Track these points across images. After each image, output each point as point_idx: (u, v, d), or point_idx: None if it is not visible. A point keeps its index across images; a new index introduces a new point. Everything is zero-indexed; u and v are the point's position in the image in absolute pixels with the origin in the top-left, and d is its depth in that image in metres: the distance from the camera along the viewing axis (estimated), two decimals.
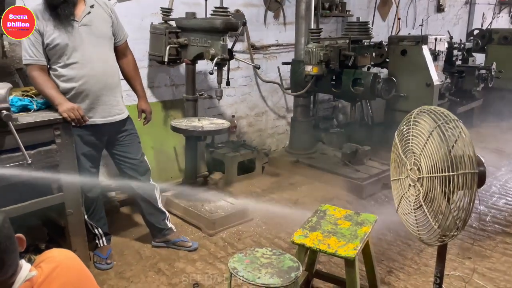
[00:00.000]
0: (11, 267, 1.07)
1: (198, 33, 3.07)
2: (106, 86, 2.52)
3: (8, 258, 1.06)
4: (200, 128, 3.08)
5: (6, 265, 1.06)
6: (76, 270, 1.21)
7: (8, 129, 1.91)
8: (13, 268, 1.08)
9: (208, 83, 4.12)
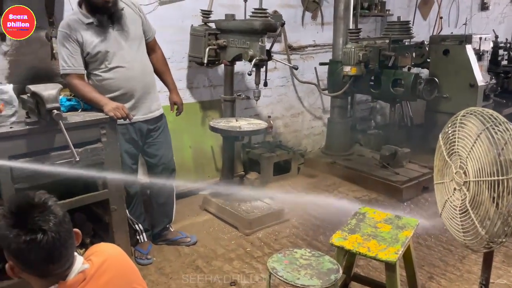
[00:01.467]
0: (68, 260, 1.13)
1: (237, 35, 3.10)
2: (145, 84, 2.62)
3: (66, 251, 1.12)
4: (238, 129, 3.11)
5: (64, 258, 1.12)
6: (123, 264, 1.26)
7: (58, 128, 2.00)
8: (70, 261, 1.13)
9: (245, 83, 4.15)
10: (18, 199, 1.12)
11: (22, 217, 1.07)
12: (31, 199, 1.10)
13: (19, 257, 1.07)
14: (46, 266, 1.09)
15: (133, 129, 2.62)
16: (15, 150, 1.97)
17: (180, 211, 3.24)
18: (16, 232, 1.05)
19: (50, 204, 1.11)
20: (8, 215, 1.07)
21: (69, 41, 2.37)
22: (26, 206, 1.09)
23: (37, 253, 1.06)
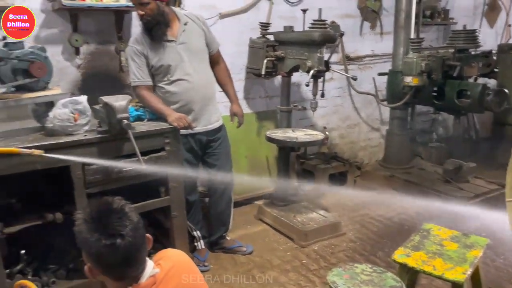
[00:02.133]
0: (141, 264, 1.18)
1: (295, 46, 3.12)
2: (206, 96, 2.70)
3: (140, 255, 1.17)
4: (295, 139, 3.11)
5: (138, 262, 1.17)
6: (190, 270, 1.30)
7: (127, 136, 2.11)
8: (143, 265, 1.19)
9: (301, 94, 4.15)
10: (98, 205, 1.19)
11: (102, 222, 1.13)
12: (110, 205, 1.17)
13: (99, 260, 1.14)
14: (122, 269, 1.15)
15: (193, 139, 2.70)
16: (88, 157, 2.10)
17: (236, 220, 3.27)
18: (97, 237, 1.11)
19: (126, 210, 1.17)
20: (89, 220, 1.14)
21: (137, 55, 2.51)
22: (106, 212, 1.16)
23: (115, 257, 1.12)
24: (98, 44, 3.05)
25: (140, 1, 2.40)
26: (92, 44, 3.03)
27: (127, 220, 1.15)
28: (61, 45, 2.92)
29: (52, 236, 2.39)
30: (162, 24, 2.49)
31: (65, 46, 2.92)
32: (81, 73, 3.02)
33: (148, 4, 2.40)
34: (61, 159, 1.78)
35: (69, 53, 2.95)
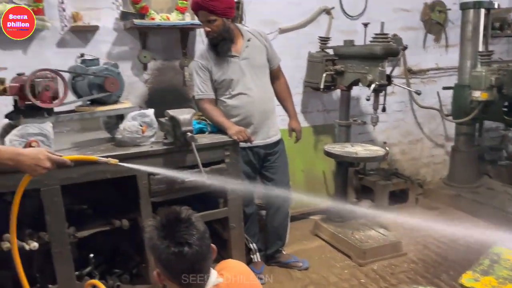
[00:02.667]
0: (206, 273, 1.22)
1: (356, 60, 3.09)
2: (265, 111, 2.74)
3: (205, 264, 1.21)
4: (354, 154, 3.05)
5: (203, 270, 1.21)
6: (251, 281, 1.31)
7: (190, 148, 2.19)
8: (207, 274, 1.22)
9: (360, 108, 4.08)
10: (167, 213, 1.24)
11: (170, 230, 1.19)
12: (178, 214, 1.22)
13: (167, 266, 1.19)
14: (188, 276, 1.19)
15: (251, 153, 2.75)
16: (155, 166, 2.20)
17: (292, 234, 3.24)
18: (166, 244, 1.17)
19: (193, 220, 1.22)
20: (159, 227, 1.19)
21: (202, 70, 2.62)
22: (174, 220, 1.21)
23: (182, 264, 1.17)
24: (164, 60, 3.21)
25: (208, 19, 2.50)
26: (159, 60, 3.19)
27: (194, 230, 1.19)
28: (130, 61, 3.10)
29: (118, 242, 2.52)
30: (228, 40, 2.58)
31: (134, 62, 3.11)
32: (148, 88, 3.19)
33: (215, 21, 2.50)
34: (134, 169, 1.88)
35: (138, 69, 3.13)
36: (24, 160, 1.47)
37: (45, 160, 1.50)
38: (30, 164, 1.48)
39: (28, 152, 1.51)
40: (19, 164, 1.48)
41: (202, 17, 2.53)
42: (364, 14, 3.88)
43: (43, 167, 1.51)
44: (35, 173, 1.52)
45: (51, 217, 2.00)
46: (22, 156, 1.48)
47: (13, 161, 1.46)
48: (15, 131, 1.90)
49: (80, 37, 2.92)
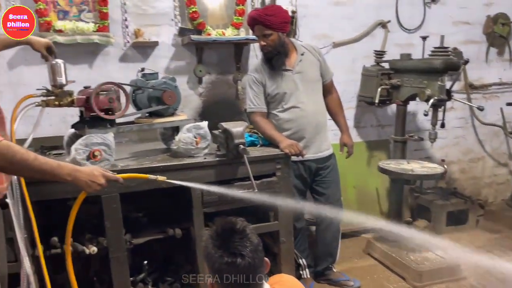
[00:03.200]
0: (258, 286, 1.21)
1: (413, 74, 3.00)
2: (318, 124, 2.72)
3: (258, 277, 1.21)
4: (410, 171, 2.94)
5: (256, 283, 1.21)
6: None
7: (242, 161, 2.21)
8: (259, 287, 1.22)
9: (416, 124, 3.94)
10: (223, 224, 1.26)
11: (225, 240, 1.20)
12: (234, 225, 1.24)
13: (220, 276, 1.20)
14: None
15: (302, 166, 2.73)
16: (207, 178, 2.24)
17: (342, 252, 3.16)
18: (220, 253, 1.18)
19: (248, 232, 1.22)
20: (214, 237, 1.21)
21: (256, 84, 2.65)
22: (229, 231, 1.22)
23: (234, 275, 1.17)
24: (218, 74, 3.30)
25: (264, 33, 2.54)
26: (213, 74, 3.28)
27: (248, 241, 1.20)
28: (186, 75, 3.21)
29: (171, 250, 2.57)
30: (282, 54, 2.60)
31: (190, 76, 3.21)
32: (202, 101, 3.28)
33: (270, 35, 2.54)
34: (181, 185, 1.93)
35: (193, 83, 3.24)
36: (81, 176, 1.58)
37: (99, 177, 1.62)
38: (86, 181, 1.59)
39: (85, 169, 1.62)
40: (76, 180, 1.59)
41: (258, 31, 2.57)
42: (421, 27, 3.78)
43: (97, 183, 1.61)
44: (90, 189, 1.63)
45: (110, 223, 2.08)
46: (79, 172, 1.59)
47: (71, 177, 1.57)
48: (80, 140, 2.02)
49: (141, 52, 3.07)
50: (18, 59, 2.81)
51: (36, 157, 1.49)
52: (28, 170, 1.50)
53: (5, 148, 1.41)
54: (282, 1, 3.27)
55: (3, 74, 2.78)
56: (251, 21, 2.57)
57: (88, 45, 2.89)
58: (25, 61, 2.81)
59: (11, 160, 1.42)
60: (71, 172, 1.57)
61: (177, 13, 3.11)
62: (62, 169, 1.55)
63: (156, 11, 3.07)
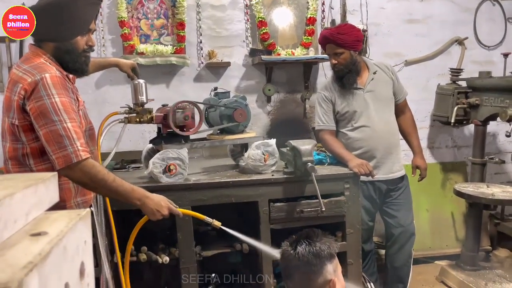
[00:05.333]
0: None
1: (494, 93, 2.83)
2: (389, 145, 2.64)
3: (300, 277, 1.30)
4: (490, 196, 2.74)
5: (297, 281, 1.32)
6: None
7: (310, 179, 2.21)
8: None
9: (497, 145, 3.69)
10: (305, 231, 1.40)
11: (296, 240, 1.35)
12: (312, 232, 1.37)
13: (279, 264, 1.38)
14: (283, 279, 1.36)
15: (372, 187, 2.66)
16: (274, 194, 2.27)
17: (414, 278, 3.01)
18: (286, 244, 1.36)
19: (318, 239, 1.31)
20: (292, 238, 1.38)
21: (325, 102, 2.66)
22: (305, 234, 1.36)
23: (282, 264, 1.36)
24: (286, 93, 3.35)
25: (335, 51, 2.55)
26: (282, 93, 3.34)
27: (313, 245, 1.29)
28: (256, 94, 3.30)
29: (237, 264, 2.62)
30: (353, 72, 2.59)
31: (259, 95, 3.30)
32: (270, 119, 3.34)
33: (342, 54, 2.54)
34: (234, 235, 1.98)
35: (262, 101, 3.31)
36: (149, 204, 1.71)
37: (164, 208, 1.74)
38: (153, 209, 1.72)
39: (154, 197, 1.74)
40: (144, 206, 1.71)
41: (330, 50, 2.58)
42: (502, 43, 3.57)
43: (161, 213, 1.74)
44: (153, 217, 1.75)
45: (182, 235, 2.18)
46: (148, 199, 1.71)
47: (140, 202, 1.70)
48: (158, 155, 2.15)
49: (214, 72, 3.22)
50: (104, 79, 3.07)
51: (115, 179, 1.63)
52: (105, 190, 1.65)
53: (91, 166, 1.56)
54: (353, 20, 3.26)
55: (91, 93, 3.05)
56: (323, 40, 2.59)
57: (166, 66, 3.09)
58: (110, 81, 3.07)
59: (93, 178, 1.57)
60: (141, 198, 1.71)
61: (248, 34, 3.23)
62: (134, 193, 1.69)
63: (229, 33, 3.22)
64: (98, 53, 3.02)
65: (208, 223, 1.89)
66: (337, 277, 1.31)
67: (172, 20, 3.09)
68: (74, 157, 1.51)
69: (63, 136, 1.50)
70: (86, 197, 1.73)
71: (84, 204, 1.73)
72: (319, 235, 1.35)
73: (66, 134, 1.51)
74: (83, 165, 1.53)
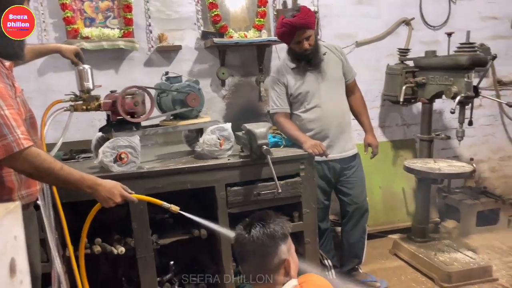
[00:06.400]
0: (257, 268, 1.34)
1: (439, 71, 2.94)
2: (341, 124, 2.69)
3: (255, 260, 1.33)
4: (437, 170, 2.88)
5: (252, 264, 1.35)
6: None
7: (266, 162, 2.21)
8: (259, 270, 1.33)
9: (443, 122, 3.86)
10: (258, 213, 1.41)
11: (249, 220, 1.37)
12: (266, 214, 1.38)
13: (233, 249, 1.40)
14: (239, 263, 1.40)
15: (326, 167, 2.71)
16: (231, 179, 2.27)
17: (369, 253, 3.12)
18: (239, 227, 1.37)
19: (271, 221, 1.33)
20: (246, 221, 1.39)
21: (278, 85, 2.66)
22: (258, 216, 1.37)
23: (236, 248, 1.38)
24: (241, 76, 3.32)
25: (309, 35, 2.54)
26: (236, 76, 3.30)
27: (266, 227, 1.31)
28: (210, 78, 3.24)
29: (196, 251, 2.61)
30: (317, 53, 2.61)
31: (213, 78, 3.24)
32: (225, 103, 3.31)
33: (311, 36, 2.55)
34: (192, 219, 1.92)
35: (216, 85, 3.27)
36: (101, 191, 1.66)
37: (117, 195, 1.70)
38: (105, 196, 1.67)
39: (106, 184, 1.68)
40: (96, 194, 1.66)
41: (301, 35, 2.52)
42: (447, 23, 3.70)
43: (114, 200, 1.69)
44: (106, 204, 1.70)
45: (137, 224, 2.13)
46: (100, 187, 1.66)
47: (91, 189, 1.65)
48: (107, 143, 2.07)
49: (165, 56, 3.13)
50: (47, 66, 2.90)
51: (62, 167, 1.55)
52: (53, 179, 1.57)
53: (35, 155, 1.47)
54: (304, 1, 3.27)
55: (34, 81, 2.88)
56: (292, 28, 2.49)
57: (114, 51, 2.97)
58: (54, 68, 2.91)
59: (38, 168, 1.48)
60: (92, 185, 1.65)
61: (199, 17, 3.15)
62: (84, 181, 1.63)
63: (179, 15, 3.12)
64: (39, 38, 2.84)
65: (165, 209, 1.83)
66: (291, 256, 1.33)
67: (118, 2, 2.95)
68: (16, 146, 1.42)
69: (2, 124, 1.40)
70: (31, 189, 1.64)
71: (30, 197, 1.64)
72: (272, 216, 1.35)
73: (5, 122, 1.41)
74: (26, 154, 1.45)
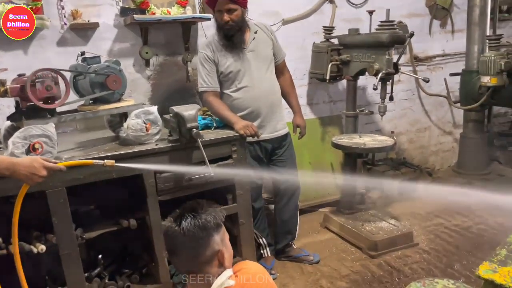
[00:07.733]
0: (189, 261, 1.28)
1: (362, 49, 3.02)
2: (272, 104, 2.69)
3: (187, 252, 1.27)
4: (363, 145, 3.00)
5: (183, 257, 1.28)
6: (266, 283, 1.27)
7: (196, 145, 2.15)
8: (192, 264, 1.28)
9: (366, 98, 4.02)
10: (188, 204, 1.32)
11: (180, 214, 1.28)
12: (197, 204, 1.30)
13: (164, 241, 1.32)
14: (169, 256, 1.33)
15: (258, 147, 2.70)
16: (159, 164, 2.16)
17: (301, 228, 3.20)
18: (169, 219, 1.28)
19: (203, 211, 1.26)
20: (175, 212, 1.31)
21: (208, 62, 2.56)
22: (188, 207, 1.29)
23: (167, 241, 1.29)
24: (166, 55, 3.16)
25: (229, 7, 2.45)
26: (161, 56, 3.14)
27: (198, 218, 1.24)
28: (132, 58, 3.05)
29: (127, 242, 2.49)
30: (242, 31, 2.53)
31: (136, 58, 3.06)
32: (151, 84, 3.14)
33: (235, 10, 2.46)
34: (132, 168, 1.85)
35: (140, 65, 3.09)
36: (20, 170, 1.50)
37: (40, 168, 1.53)
38: (26, 173, 1.51)
39: (23, 161, 1.53)
40: (15, 174, 1.50)
41: (222, 5, 2.45)
42: (368, 1, 3.81)
43: (38, 175, 1.53)
44: (31, 182, 1.54)
45: (57, 219, 1.97)
46: (18, 165, 1.50)
47: (9, 171, 1.49)
48: (18, 133, 1.87)
49: (80, 35, 2.87)
50: None
51: None
52: None
53: None
54: None
55: None
56: None
57: None
58: None
59: None
60: (9, 166, 1.49)
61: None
62: None
63: None
64: None
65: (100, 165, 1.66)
66: (225, 246, 1.29)
67: None
68: None
69: None
70: None
71: None
72: (203, 206, 1.29)
73: None
74: None
